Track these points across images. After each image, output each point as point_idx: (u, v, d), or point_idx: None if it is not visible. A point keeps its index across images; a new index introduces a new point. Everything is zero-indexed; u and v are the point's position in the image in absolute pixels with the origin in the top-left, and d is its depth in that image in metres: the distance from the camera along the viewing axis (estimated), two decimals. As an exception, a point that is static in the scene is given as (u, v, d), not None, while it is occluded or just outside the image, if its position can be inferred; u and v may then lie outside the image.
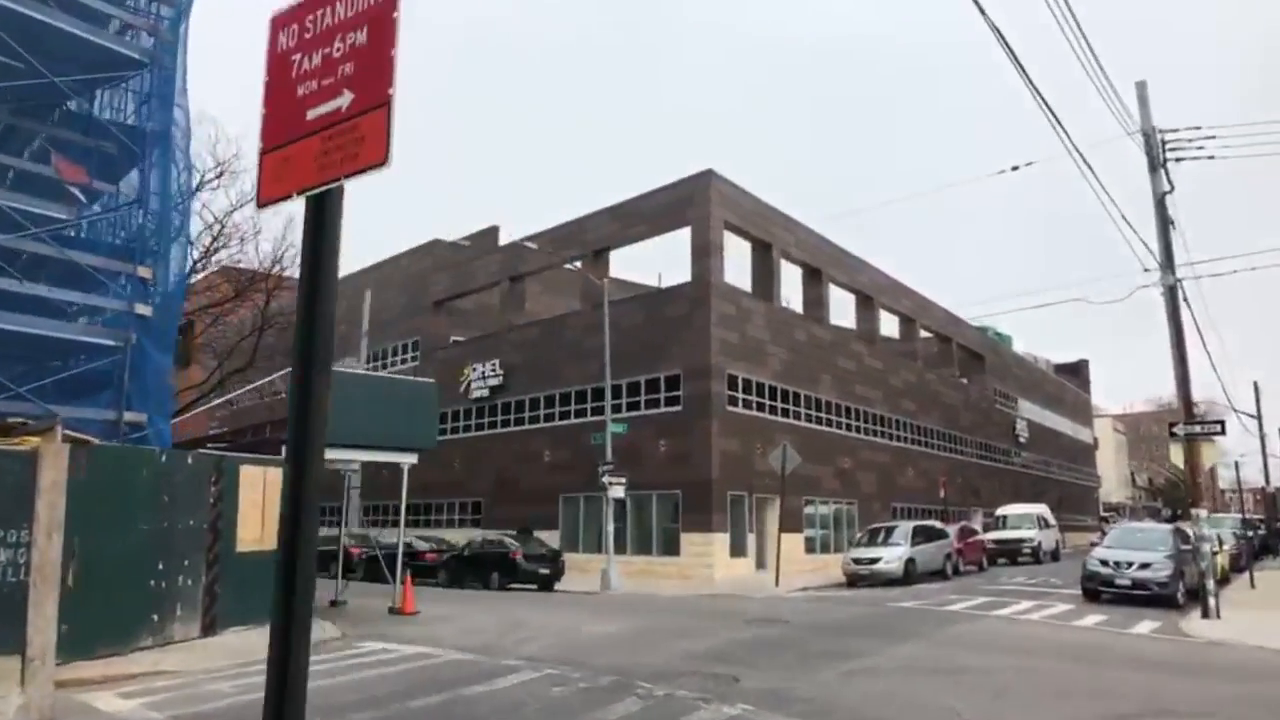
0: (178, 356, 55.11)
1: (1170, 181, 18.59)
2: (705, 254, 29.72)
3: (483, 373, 37.24)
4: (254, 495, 14.18)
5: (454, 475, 38.09)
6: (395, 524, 40.98)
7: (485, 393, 37.05)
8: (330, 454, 15.92)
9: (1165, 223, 18.26)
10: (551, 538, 32.88)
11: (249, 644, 12.45)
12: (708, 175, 30.26)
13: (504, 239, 42.80)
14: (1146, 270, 17.74)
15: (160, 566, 12.30)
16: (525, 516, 34.04)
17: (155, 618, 12.19)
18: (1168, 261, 17.48)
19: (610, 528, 25.51)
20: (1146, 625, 15.49)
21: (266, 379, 22.70)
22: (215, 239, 22.00)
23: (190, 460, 13.14)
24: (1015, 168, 20.34)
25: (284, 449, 10.76)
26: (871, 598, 20.66)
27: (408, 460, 17.11)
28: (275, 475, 14.69)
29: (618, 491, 25.48)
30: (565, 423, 33.20)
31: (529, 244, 24.91)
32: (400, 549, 17.31)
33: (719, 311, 29.66)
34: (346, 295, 44.00)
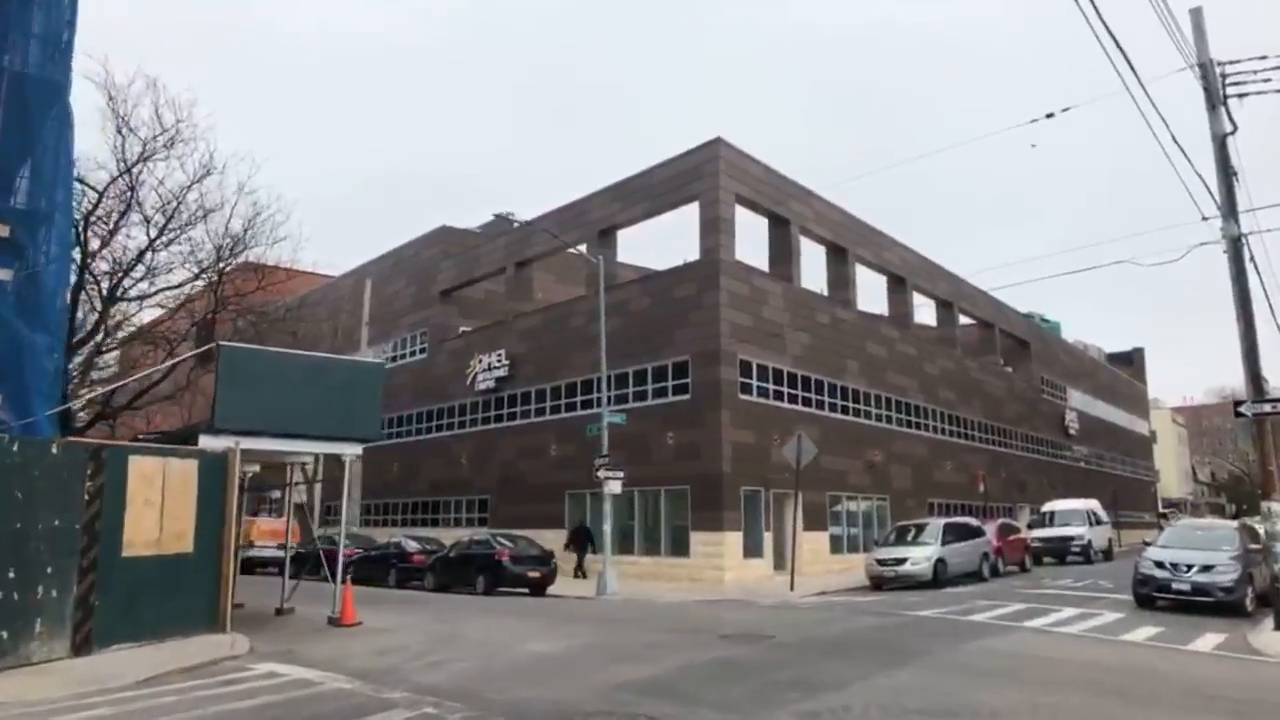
0: (198, 356, 54.05)
1: (1232, 120, 15.95)
2: (714, 229, 27.43)
3: (489, 364, 35.35)
4: (149, 492, 12.27)
5: (461, 472, 36.34)
6: (399, 522, 39.69)
7: (491, 384, 35.15)
8: (250, 443, 14.04)
9: (1227, 167, 15.61)
10: (558, 537, 30.91)
11: (122, 667, 10.53)
12: (715, 145, 27.95)
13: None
14: (1205, 219, 15.08)
15: (11, 575, 10.42)
16: (531, 514, 32.11)
17: (4, 635, 10.31)
18: (1230, 210, 14.85)
19: (607, 526, 23.37)
20: (1209, 640, 12.97)
21: (159, 366, 20.85)
22: (170, 217, 20.19)
23: (56, 450, 11.24)
24: (1050, 115, 17.74)
25: (202, 440, 8.61)
26: (891, 604, 18.28)
27: (350, 452, 15.11)
28: (182, 468, 12.83)
29: (614, 487, 23.35)
30: (571, 414, 31.10)
31: (521, 220, 22.86)
32: (341, 550, 15.30)
33: (729, 291, 27.34)
34: (353, 287, 42.68)
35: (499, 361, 34.81)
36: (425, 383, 39.55)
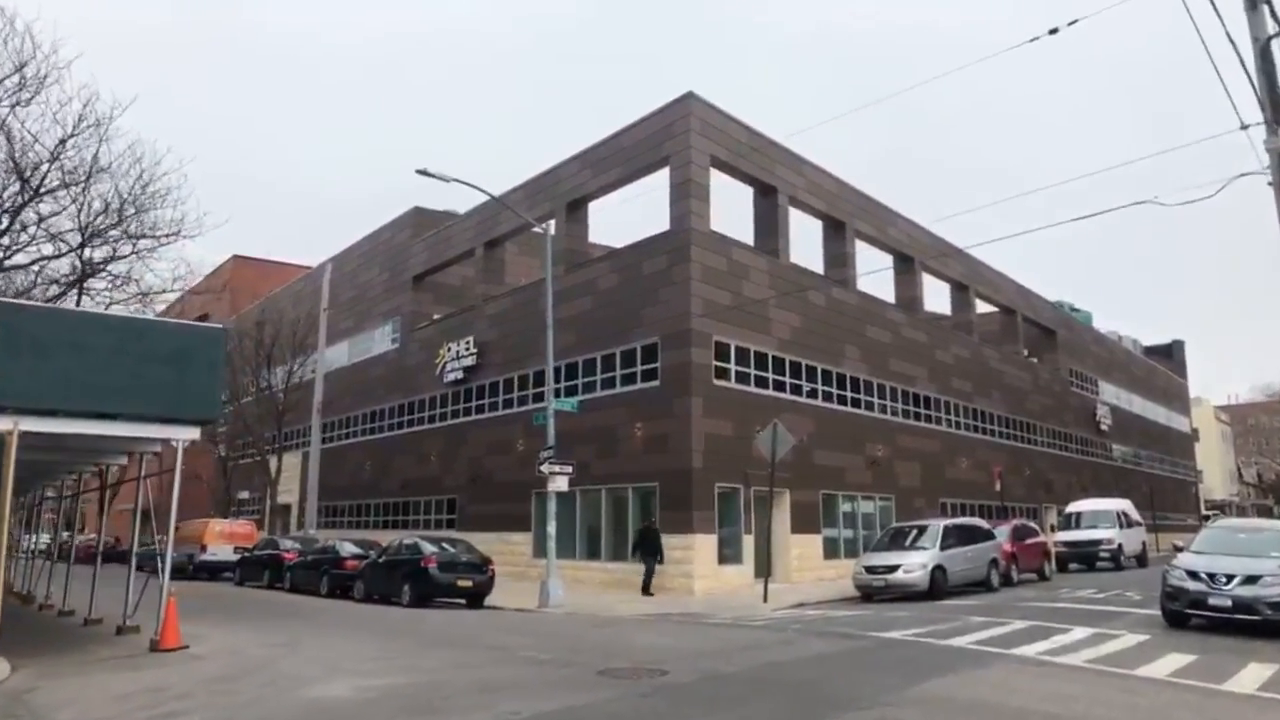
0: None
1: (1277, 20, 12.77)
2: (685, 194, 24.50)
3: (457, 353, 32.68)
4: None
5: (430, 470, 33.68)
6: (372, 524, 37.08)
7: (460, 375, 32.48)
8: (38, 424, 11.21)
9: (1271, 78, 12.41)
10: (525, 540, 28.21)
11: None
12: (687, 101, 24.99)
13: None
14: (1245, 127, 11.88)
15: None
16: (499, 515, 29.49)
17: None
18: (1276, 120, 11.65)
19: (551, 527, 20.45)
20: (1253, 674, 9.86)
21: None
22: (45, 175, 17.65)
23: None
24: (1054, 30, 14.66)
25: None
26: (866, 621, 15.26)
27: (181, 436, 12.32)
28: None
29: (560, 483, 20.45)
30: (539, 405, 28.18)
31: (449, 178, 19.98)
32: (167, 558, 12.41)
33: (702, 264, 24.38)
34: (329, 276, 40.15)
35: (467, 350, 32.14)
36: (397, 375, 37.03)
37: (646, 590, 21.93)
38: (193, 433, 12.56)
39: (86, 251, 18.57)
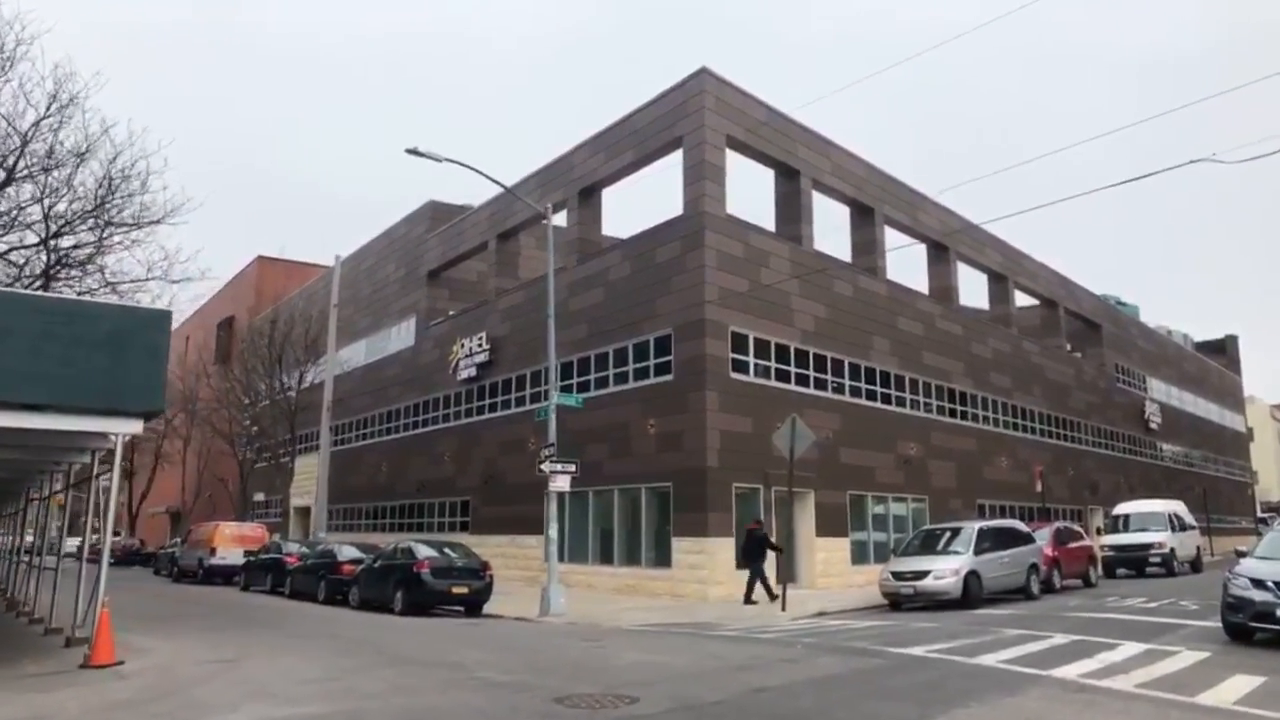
0: (218, 355, 51.40)
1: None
2: (699, 176, 23.10)
3: (470, 349, 31.55)
4: None
5: (445, 471, 32.58)
6: (389, 527, 36.09)
7: (473, 372, 31.36)
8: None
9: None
10: (538, 543, 26.88)
11: None
12: (700, 77, 23.62)
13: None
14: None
15: None
16: (512, 517, 28.36)
17: None
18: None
19: (552, 531, 19.16)
20: (1340, 704, 8.22)
21: None
22: (19, 157, 16.72)
23: None
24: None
25: None
26: (888, 633, 13.79)
27: (122, 429, 11.17)
28: None
29: (561, 483, 19.14)
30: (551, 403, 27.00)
31: (442, 158, 18.68)
32: (104, 558, 11.22)
33: (718, 250, 22.96)
34: (348, 274, 39.33)
35: (479, 346, 31.02)
36: (412, 373, 36.02)
37: (773, 596, 19.71)
38: (134, 426, 11.41)
39: (59, 240, 17.61)
